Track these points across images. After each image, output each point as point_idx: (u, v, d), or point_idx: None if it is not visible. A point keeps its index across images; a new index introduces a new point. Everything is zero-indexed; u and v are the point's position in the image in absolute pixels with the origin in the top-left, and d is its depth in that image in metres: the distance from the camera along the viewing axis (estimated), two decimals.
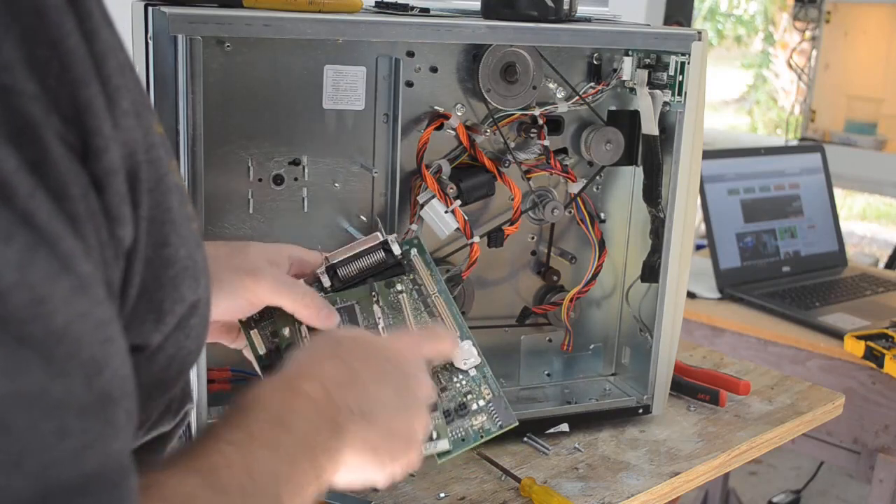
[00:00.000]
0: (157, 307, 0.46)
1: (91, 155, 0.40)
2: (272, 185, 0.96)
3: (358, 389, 0.62)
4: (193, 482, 0.47)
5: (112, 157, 0.40)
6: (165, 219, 0.45)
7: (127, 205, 0.42)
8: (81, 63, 0.39)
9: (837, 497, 2.70)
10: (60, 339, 0.36)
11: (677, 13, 2.73)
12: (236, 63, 0.91)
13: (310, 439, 0.56)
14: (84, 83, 0.39)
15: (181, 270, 0.47)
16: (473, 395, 0.76)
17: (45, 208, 0.36)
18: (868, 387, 1.69)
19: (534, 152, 1.05)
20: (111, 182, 0.41)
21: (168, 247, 0.46)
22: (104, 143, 0.40)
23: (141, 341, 0.46)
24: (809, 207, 2.11)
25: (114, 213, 0.41)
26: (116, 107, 0.41)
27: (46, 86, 0.37)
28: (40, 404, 0.35)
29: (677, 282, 1.07)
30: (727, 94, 8.01)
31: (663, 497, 0.98)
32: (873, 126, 3.10)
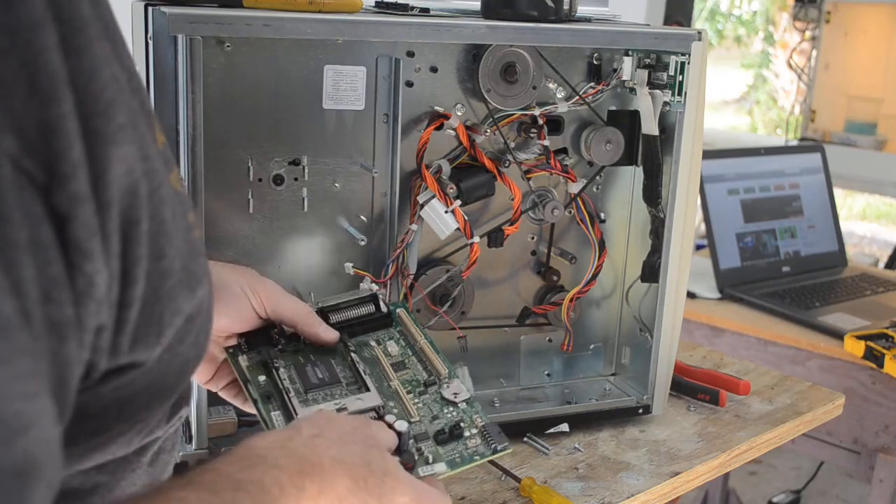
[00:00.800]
0: (158, 320, 0.45)
1: (55, 182, 0.37)
2: (272, 185, 0.96)
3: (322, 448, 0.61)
4: None
5: (79, 185, 0.38)
6: (160, 231, 0.44)
7: (96, 237, 0.40)
8: (54, 82, 0.37)
9: (837, 497, 2.70)
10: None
11: (677, 13, 2.73)
12: (236, 63, 0.91)
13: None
14: (54, 102, 0.37)
15: (177, 283, 0.46)
16: (465, 423, 0.76)
17: None
18: (868, 387, 1.69)
19: (534, 152, 1.05)
20: (77, 213, 0.38)
21: (164, 259, 0.45)
22: (70, 169, 0.38)
23: (144, 357, 0.45)
24: (809, 207, 2.11)
25: (80, 246, 0.39)
26: (108, 123, 0.40)
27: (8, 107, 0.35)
28: None
29: (677, 282, 1.07)
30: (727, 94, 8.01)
31: (663, 497, 0.98)
32: (873, 126, 3.10)
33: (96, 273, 0.40)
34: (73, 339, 0.39)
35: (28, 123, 0.36)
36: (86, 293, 0.40)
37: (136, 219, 0.42)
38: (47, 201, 0.37)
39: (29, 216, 0.36)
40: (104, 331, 0.42)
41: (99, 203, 0.40)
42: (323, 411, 0.71)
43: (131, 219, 0.42)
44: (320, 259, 1.01)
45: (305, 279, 1.00)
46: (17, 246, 0.35)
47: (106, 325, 0.42)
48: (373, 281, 1.00)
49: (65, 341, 0.39)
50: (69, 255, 0.39)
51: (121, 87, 0.41)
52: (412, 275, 1.02)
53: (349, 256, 1.01)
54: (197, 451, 0.91)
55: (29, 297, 0.36)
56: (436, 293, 1.05)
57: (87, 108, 0.39)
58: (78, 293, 0.40)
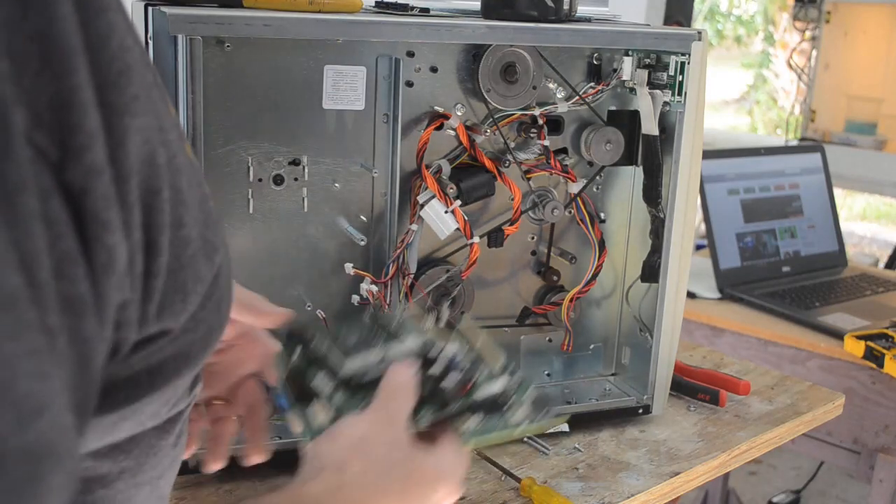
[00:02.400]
0: (182, 288, 0.45)
1: (69, 156, 0.37)
2: (272, 185, 0.96)
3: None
4: None
5: (95, 156, 0.38)
6: (179, 200, 0.44)
7: (114, 208, 0.39)
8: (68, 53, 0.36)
9: (837, 497, 2.70)
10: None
11: (677, 13, 2.74)
12: (236, 63, 0.91)
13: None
14: (68, 74, 0.36)
15: (197, 251, 0.46)
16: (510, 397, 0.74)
17: None
18: (868, 387, 1.69)
19: (534, 152, 1.05)
20: (95, 184, 0.37)
21: (184, 227, 0.45)
22: (86, 140, 0.37)
23: (171, 325, 0.45)
24: (809, 207, 2.11)
25: (99, 218, 0.38)
26: (123, 93, 0.39)
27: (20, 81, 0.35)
28: None
29: (677, 282, 1.07)
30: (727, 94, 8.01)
31: (663, 497, 0.98)
32: (873, 126, 3.10)
33: (117, 245, 0.39)
34: (90, 315, 0.38)
35: (40, 97, 0.36)
36: (107, 267, 0.39)
37: (156, 188, 0.42)
38: (60, 177, 0.37)
39: (40, 190, 0.35)
40: (130, 304, 0.41)
41: (117, 174, 0.39)
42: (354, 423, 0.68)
43: (152, 188, 0.42)
44: (320, 259, 1.01)
45: (305, 279, 1.00)
46: (27, 220, 0.34)
47: (131, 299, 0.41)
48: (372, 281, 1.00)
49: (82, 318, 0.38)
50: (88, 229, 0.38)
51: (135, 58, 0.41)
52: (412, 275, 1.02)
53: (349, 256, 1.01)
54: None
55: (39, 273, 0.35)
56: (436, 293, 1.05)
57: (102, 78, 0.38)
58: (99, 267, 0.39)
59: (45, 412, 0.33)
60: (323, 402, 0.73)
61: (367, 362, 0.74)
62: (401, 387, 0.70)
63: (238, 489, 0.90)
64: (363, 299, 1.01)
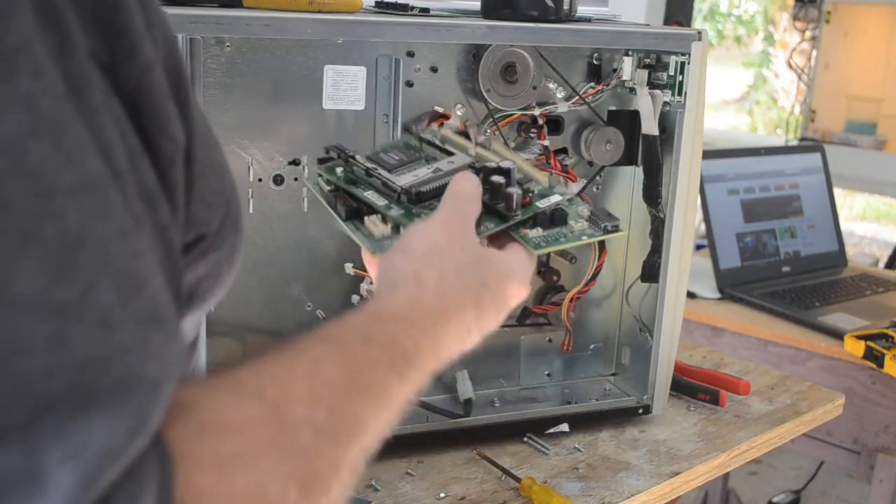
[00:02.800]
0: (206, 196, 0.46)
1: (121, 57, 0.38)
2: (272, 185, 0.96)
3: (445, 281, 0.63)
4: (255, 412, 0.41)
5: (147, 53, 0.39)
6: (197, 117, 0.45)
7: (171, 100, 0.41)
8: None
9: (837, 497, 2.70)
10: (78, 243, 0.33)
11: (677, 13, 2.74)
12: (236, 63, 0.91)
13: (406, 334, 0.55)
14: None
15: (215, 165, 0.47)
16: (570, 211, 0.74)
17: (53, 93, 0.33)
18: (868, 387, 1.69)
19: (534, 152, 1.05)
20: (151, 78, 0.39)
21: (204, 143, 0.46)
22: (137, 38, 0.39)
23: (205, 228, 0.46)
24: (809, 207, 2.11)
25: (159, 111, 0.40)
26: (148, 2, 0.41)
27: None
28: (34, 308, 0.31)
29: (677, 282, 1.07)
30: (727, 94, 8.01)
31: (663, 497, 0.98)
32: (873, 126, 3.10)
33: (178, 135, 0.41)
34: (163, 204, 0.40)
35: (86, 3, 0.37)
36: (173, 156, 0.41)
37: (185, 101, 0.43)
38: (113, 78, 0.38)
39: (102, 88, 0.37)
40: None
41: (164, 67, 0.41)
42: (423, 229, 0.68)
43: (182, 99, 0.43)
44: (320, 259, 1.01)
45: (305, 279, 1.00)
46: (100, 113, 0.36)
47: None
48: (372, 281, 1.00)
49: (157, 207, 0.39)
50: (150, 123, 0.39)
51: None
52: None
53: (349, 256, 1.01)
54: None
55: (118, 162, 0.36)
56: None
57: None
58: (166, 158, 0.40)
59: (145, 287, 0.35)
60: (377, 217, 0.74)
61: (419, 176, 0.74)
62: (466, 193, 0.71)
63: None
64: (363, 299, 1.01)
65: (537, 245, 0.71)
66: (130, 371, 0.33)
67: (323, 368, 0.47)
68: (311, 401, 0.45)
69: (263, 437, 0.41)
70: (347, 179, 0.78)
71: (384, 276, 0.64)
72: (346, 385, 0.48)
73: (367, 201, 0.76)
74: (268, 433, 0.41)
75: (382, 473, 0.95)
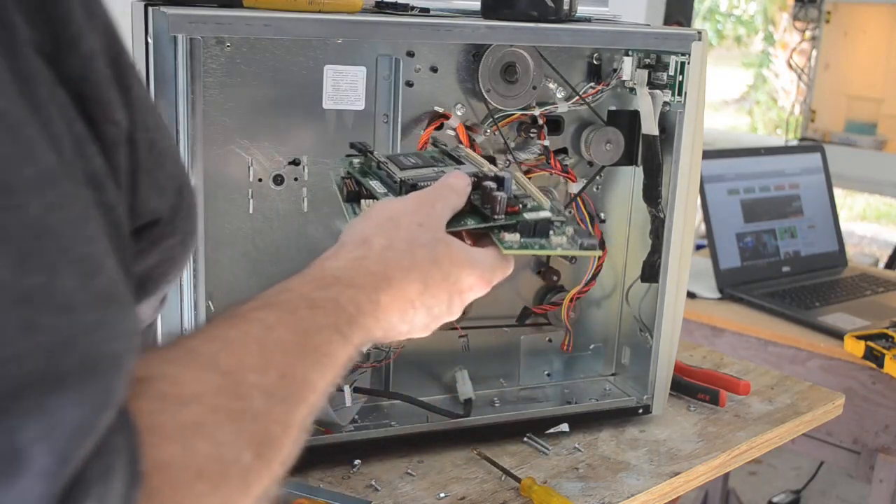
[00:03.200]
0: (156, 183, 0.48)
1: (64, 47, 0.40)
2: (272, 185, 0.96)
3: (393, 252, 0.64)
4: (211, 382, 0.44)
5: (89, 43, 0.41)
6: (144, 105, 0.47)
7: (114, 88, 0.42)
8: None
9: (837, 497, 2.70)
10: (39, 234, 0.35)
11: (677, 13, 2.74)
12: (236, 63, 0.91)
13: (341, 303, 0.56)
14: None
15: (163, 152, 0.49)
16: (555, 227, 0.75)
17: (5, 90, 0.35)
18: (868, 387, 1.69)
19: (534, 152, 1.05)
20: (93, 67, 0.41)
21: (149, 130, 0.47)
22: (78, 29, 0.40)
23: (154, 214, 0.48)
24: (809, 207, 2.11)
25: (102, 98, 0.41)
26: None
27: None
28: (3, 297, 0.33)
29: (677, 282, 1.07)
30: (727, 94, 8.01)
31: (663, 497, 0.98)
32: (873, 126, 3.10)
33: (122, 121, 0.43)
34: (110, 186, 0.42)
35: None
36: (116, 141, 0.43)
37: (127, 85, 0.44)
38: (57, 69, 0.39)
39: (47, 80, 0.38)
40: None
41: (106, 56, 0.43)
42: (390, 202, 0.70)
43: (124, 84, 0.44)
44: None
45: None
46: (47, 106, 0.38)
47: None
48: None
49: (104, 190, 0.41)
50: (94, 110, 0.41)
51: None
52: None
53: None
54: None
55: (66, 152, 0.38)
56: None
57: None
58: (110, 142, 0.42)
59: (101, 270, 0.37)
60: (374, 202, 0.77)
61: (423, 174, 0.78)
62: (452, 185, 0.72)
63: None
64: None
65: (509, 246, 0.72)
66: (95, 350, 0.35)
67: (273, 334, 0.50)
68: (263, 366, 0.47)
69: (219, 405, 0.43)
70: (361, 171, 0.82)
71: (340, 240, 0.66)
72: (295, 349, 0.50)
73: (368, 188, 0.78)
74: (223, 401, 0.44)
75: (382, 473, 0.95)
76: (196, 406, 0.42)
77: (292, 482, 0.91)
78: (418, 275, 0.64)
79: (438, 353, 1.09)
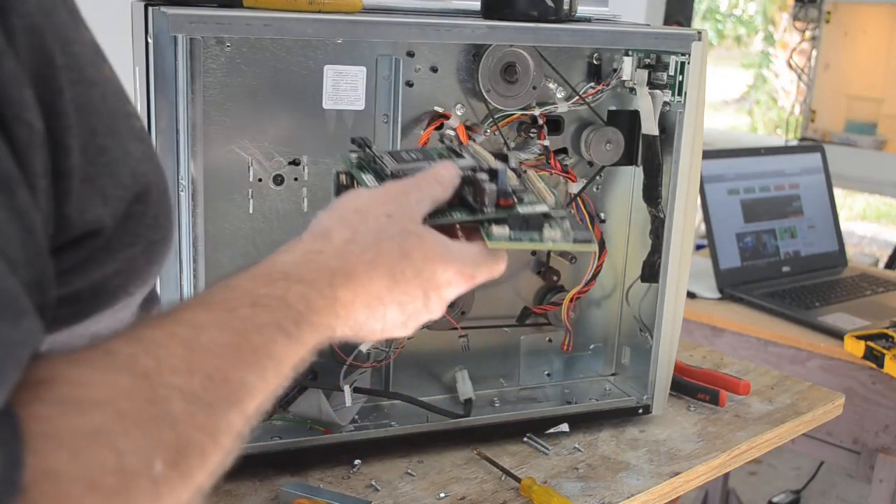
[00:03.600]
0: (101, 192, 0.46)
1: None
2: (272, 185, 0.96)
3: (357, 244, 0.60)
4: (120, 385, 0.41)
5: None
6: (91, 110, 0.46)
7: (28, 88, 0.41)
8: None
9: (837, 497, 2.70)
10: None
11: (677, 13, 2.74)
12: (236, 63, 0.91)
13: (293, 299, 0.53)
14: None
15: (114, 160, 0.47)
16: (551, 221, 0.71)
17: None
18: (868, 387, 1.69)
19: (534, 152, 1.05)
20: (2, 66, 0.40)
21: (97, 136, 0.46)
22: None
23: (95, 224, 0.46)
24: (809, 207, 2.11)
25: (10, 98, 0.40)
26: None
27: None
28: None
29: (677, 282, 1.07)
30: (727, 94, 8.01)
31: (663, 497, 0.98)
32: (873, 126, 3.10)
33: (35, 121, 0.41)
34: (22, 189, 0.40)
35: None
36: (30, 142, 0.41)
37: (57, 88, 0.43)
38: None
39: None
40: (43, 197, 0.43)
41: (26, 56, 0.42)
42: (359, 192, 0.65)
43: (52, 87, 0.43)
44: None
45: None
46: None
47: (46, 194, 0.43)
48: None
49: (14, 192, 0.40)
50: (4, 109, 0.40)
51: None
52: None
53: None
54: None
55: None
56: None
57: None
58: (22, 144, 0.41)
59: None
60: None
61: (418, 167, 0.73)
62: (435, 175, 0.67)
63: (238, 489, 0.90)
64: None
65: (496, 239, 0.68)
66: None
67: (203, 335, 0.46)
68: (187, 369, 0.44)
69: (127, 409, 0.40)
70: (358, 165, 0.78)
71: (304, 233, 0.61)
72: (228, 351, 0.47)
73: (360, 180, 0.76)
74: (132, 405, 0.41)
75: (382, 473, 0.95)
76: (97, 412, 0.39)
77: (292, 482, 0.91)
78: (384, 269, 0.59)
79: (438, 353, 1.09)
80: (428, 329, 1.05)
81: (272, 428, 0.97)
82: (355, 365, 1.00)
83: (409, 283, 0.60)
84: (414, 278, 0.61)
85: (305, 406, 0.98)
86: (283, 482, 0.91)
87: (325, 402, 0.98)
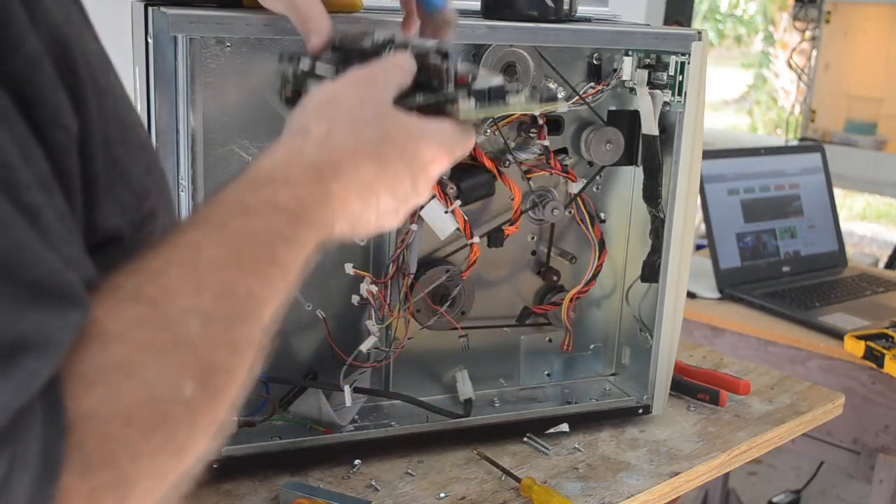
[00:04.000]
0: (118, 200, 0.46)
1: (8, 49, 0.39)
2: None
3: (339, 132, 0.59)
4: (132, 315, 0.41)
5: (33, 46, 0.40)
6: (105, 119, 0.45)
7: (60, 89, 0.41)
8: None
9: (837, 497, 2.70)
10: None
11: (677, 13, 2.74)
12: (236, 63, 0.91)
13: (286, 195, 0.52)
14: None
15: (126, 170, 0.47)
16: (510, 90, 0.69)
17: None
18: (868, 387, 1.69)
19: (534, 152, 1.05)
20: (38, 70, 0.40)
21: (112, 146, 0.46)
22: (19, 31, 0.39)
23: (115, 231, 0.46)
24: (809, 207, 2.11)
25: (48, 101, 0.40)
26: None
27: None
28: None
29: (677, 282, 1.07)
30: (727, 94, 8.01)
31: (663, 497, 0.98)
32: (873, 126, 3.10)
33: (71, 125, 0.41)
34: (57, 193, 0.40)
35: None
36: (66, 145, 0.41)
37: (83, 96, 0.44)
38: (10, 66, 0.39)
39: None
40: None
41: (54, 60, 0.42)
42: (326, 85, 0.64)
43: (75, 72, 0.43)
44: (320, 259, 1.00)
45: (305, 279, 1.00)
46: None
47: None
48: (372, 282, 1.00)
49: (52, 194, 0.40)
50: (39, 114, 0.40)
51: None
52: (412, 275, 1.02)
53: (349, 256, 1.01)
54: None
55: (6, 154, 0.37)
56: (436, 293, 1.05)
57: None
58: (58, 147, 0.41)
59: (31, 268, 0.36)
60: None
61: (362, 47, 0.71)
62: (395, 61, 0.66)
63: (238, 489, 0.90)
64: (363, 299, 1.01)
65: (467, 112, 0.66)
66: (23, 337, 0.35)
67: (202, 253, 0.46)
68: (195, 289, 0.44)
69: (144, 339, 0.41)
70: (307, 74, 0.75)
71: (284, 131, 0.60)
72: (230, 264, 0.47)
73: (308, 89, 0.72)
74: (148, 334, 0.41)
75: (382, 473, 0.95)
76: (116, 343, 0.40)
77: (292, 482, 0.91)
78: (369, 155, 0.58)
79: (438, 353, 1.09)
80: (428, 329, 1.05)
81: (272, 428, 0.97)
82: (355, 365, 1.00)
83: (395, 165, 0.60)
84: (398, 159, 0.60)
85: (305, 406, 0.98)
86: (282, 482, 0.91)
87: (325, 402, 0.98)
